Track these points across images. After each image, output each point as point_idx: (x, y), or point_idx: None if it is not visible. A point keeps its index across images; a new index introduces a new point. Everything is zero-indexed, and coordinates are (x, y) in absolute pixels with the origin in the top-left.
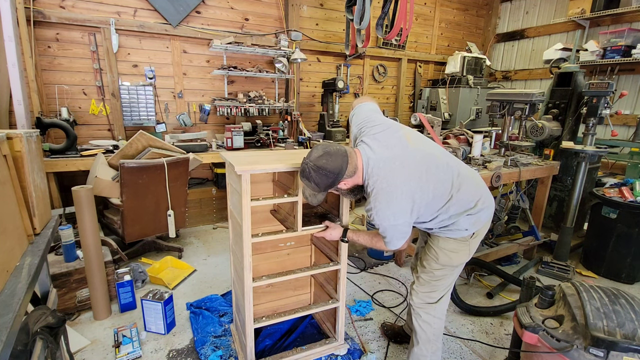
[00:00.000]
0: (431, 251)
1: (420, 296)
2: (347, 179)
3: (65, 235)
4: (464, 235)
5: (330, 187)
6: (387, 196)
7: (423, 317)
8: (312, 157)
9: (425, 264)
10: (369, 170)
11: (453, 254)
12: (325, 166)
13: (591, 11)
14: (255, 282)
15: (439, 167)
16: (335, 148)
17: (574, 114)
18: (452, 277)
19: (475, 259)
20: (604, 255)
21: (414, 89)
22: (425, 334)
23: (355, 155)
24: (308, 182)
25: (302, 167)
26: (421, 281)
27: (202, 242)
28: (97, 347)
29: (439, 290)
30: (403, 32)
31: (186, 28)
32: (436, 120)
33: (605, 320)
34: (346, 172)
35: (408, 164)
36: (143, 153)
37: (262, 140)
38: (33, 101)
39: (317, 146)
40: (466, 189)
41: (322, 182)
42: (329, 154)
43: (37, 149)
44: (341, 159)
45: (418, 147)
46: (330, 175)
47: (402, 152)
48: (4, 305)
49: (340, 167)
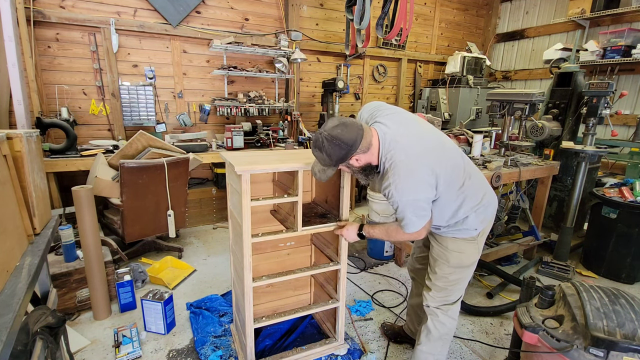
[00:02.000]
0: (440, 255)
1: (437, 300)
2: (360, 154)
3: (65, 235)
4: (472, 234)
5: (342, 160)
6: (407, 167)
7: (440, 318)
8: (327, 127)
9: (437, 269)
10: (385, 145)
11: (463, 254)
12: (340, 136)
13: (591, 11)
14: (255, 282)
15: (452, 152)
16: (351, 121)
17: (574, 114)
18: (465, 279)
19: None
20: (604, 255)
21: (414, 89)
22: (438, 332)
23: (371, 132)
24: (320, 154)
25: (316, 137)
26: (435, 288)
27: (202, 242)
28: (97, 347)
29: (454, 293)
30: (403, 32)
31: (186, 28)
32: (436, 120)
33: (605, 320)
34: (360, 147)
35: (426, 138)
36: (143, 153)
37: (262, 140)
38: (33, 101)
39: (332, 117)
40: (475, 179)
41: (334, 153)
42: (344, 124)
43: (37, 149)
44: (356, 131)
45: (433, 133)
46: (343, 146)
47: (417, 129)
48: (4, 305)
49: (355, 138)
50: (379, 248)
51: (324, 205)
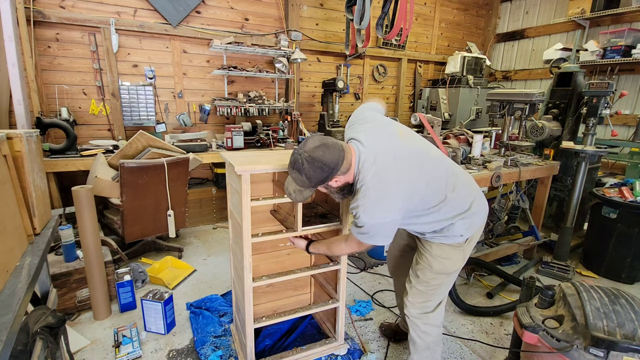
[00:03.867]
0: (423, 259)
1: (416, 306)
2: (340, 176)
3: (65, 235)
4: (458, 241)
5: (322, 183)
6: (378, 192)
7: (421, 328)
8: (308, 147)
9: (420, 273)
10: (359, 165)
11: (447, 261)
12: (322, 158)
13: (591, 11)
14: (255, 282)
15: (433, 165)
16: (332, 141)
17: (574, 114)
18: (447, 285)
19: (475, 259)
20: (604, 255)
21: (414, 89)
22: (424, 342)
23: (350, 151)
24: (298, 175)
25: (294, 158)
26: (415, 292)
27: (202, 242)
28: (97, 347)
29: (434, 299)
30: (403, 32)
31: (186, 28)
32: (436, 120)
33: (605, 320)
34: (341, 169)
35: (401, 158)
36: (143, 153)
37: (262, 140)
38: (33, 101)
39: (312, 136)
40: (461, 190)
41: (314, 176)
42: (326, 145)
43: (37, 149)
44: (338, 152)
45: (411, 144)
46: (325, 168)
47: (393, 146)
48: (4, 305)
49: (337, 160)
50: (379, 248)
51: (324, 205)
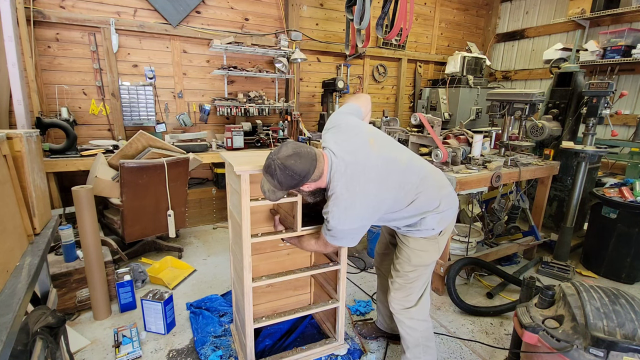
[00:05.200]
0: (402, 253)
1: (398, 302)
2: (311, 183)
3: (65, 235)
4: (432, 234)
5: (293, 188)
6: (346, 202)
7: (407, 323)
8: (281, 154)
9: (399, 267)
10: (331, 173)
11: (424, 252)
12: (293, 167)
13: (591, 11)
14: (255, 282)
15: (402, 172)
16: (306, 150)
17: (574, 114)
18: (425, 277)
19: (475, 259)
20: (604, 255)
21: (414, 89)
22: (412, 338)
23: (324, 160)
24: (271, 179)
25: (268, 163)
26: (396, 285)
27: (202, 242)
28: (97, 347)
29: (414, 292)
30: (403, 32)
31: (186, 28)
32: (436, 120)
33: (605, 320)
34: (312, 177)
35: (369, 169)
36: (143, 153)
37: (262, 140)
38: (33, 101)
39: (287, 143)
40: (430, 192)
41: (285, 182)
42: (298, 155)
43: (37, 149)
44: (309, 162)
45: (381, 152)
46: (296, 177)
47: (364, 157)
48: (4, 305)
49: (307, 170)
50: None
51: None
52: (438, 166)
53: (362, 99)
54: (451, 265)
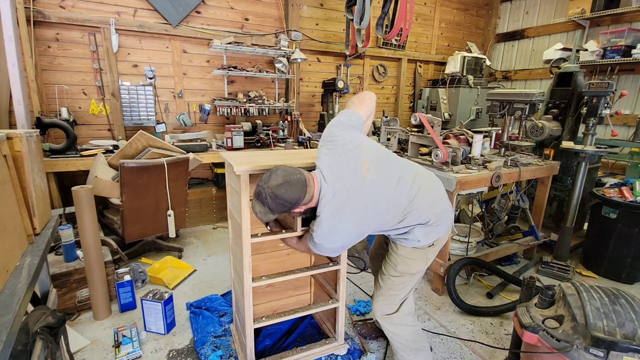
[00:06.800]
0: (390, 258)
1: (379, 307)
2: (301, 206)
3: (65, 235)
4: (416, 245)
5: (284, 212)
6: (330, 228)
7: (389, 329)
8: (271, 183)
9: (385, 270)
10: (320, 197)
11: (411, 261)
12: (284, 196)
13: (591, 11)
14: (255, 282)
15: (390, 199)
16: (296, 178)
17: (574, 114)
18: (409, 286)
19: (475, 259)
20: (604, 255)
21: (414, 89)
22: (398, 342)
23: (314, 184)
24: (262, 207)
25: (258, 191)
26: (380, 290)
27: (202, 242)
28: (97, 347)
29: (396, 301)
30: (403, 32)
31: (186, 28)
32: (436, 120)
33: (605, 320)
34: (303, 201)
35: (356, 199)
36: (143, 153)
37: (262, 140)
38: (33, 101)
39: (276, 171)
40: (418, 212)
41: (276, 209)
42: (289, 183)
43: (37, 149)
44: (300, 189)
45: (373, 177)
46: (287, 205)
47: (352, 184)
48: (4, 305)
49: (298, 197)
50: None
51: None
52: (438, 166)
53: (366, 101)
54: (451, 265)
